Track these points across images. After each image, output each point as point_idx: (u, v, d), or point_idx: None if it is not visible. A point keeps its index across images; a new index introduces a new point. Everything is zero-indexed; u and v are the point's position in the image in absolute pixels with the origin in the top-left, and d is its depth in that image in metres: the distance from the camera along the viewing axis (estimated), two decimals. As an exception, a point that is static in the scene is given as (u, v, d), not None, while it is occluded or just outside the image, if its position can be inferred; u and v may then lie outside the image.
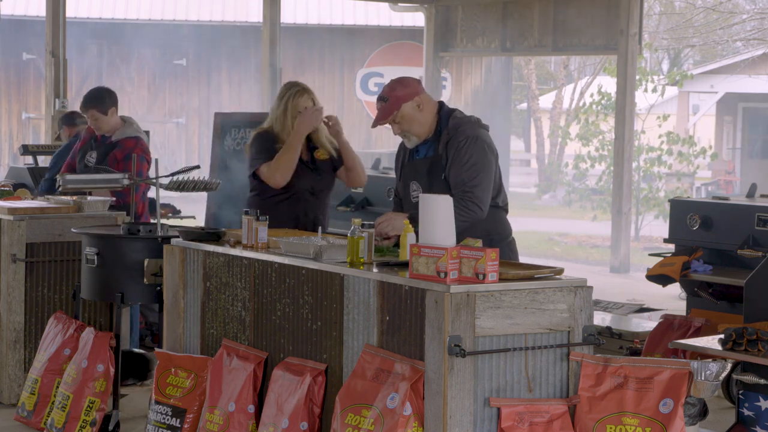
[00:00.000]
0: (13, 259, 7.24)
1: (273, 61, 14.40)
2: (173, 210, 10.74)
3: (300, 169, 6.83)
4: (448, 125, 5.95)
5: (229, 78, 25.10)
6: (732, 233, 7.64)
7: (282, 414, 5.35)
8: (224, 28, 24.66)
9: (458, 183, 5.84)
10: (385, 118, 5.97)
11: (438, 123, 5.98)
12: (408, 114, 5.94)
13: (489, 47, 16.19)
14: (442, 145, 5.93)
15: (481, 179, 5.84)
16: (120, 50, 24.48)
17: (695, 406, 4.91)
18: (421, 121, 5.96)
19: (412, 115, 5.94)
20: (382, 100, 5.97)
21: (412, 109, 5.94)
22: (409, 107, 5.93)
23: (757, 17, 27.94)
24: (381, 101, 5.97)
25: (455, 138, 5.90)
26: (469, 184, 5.82)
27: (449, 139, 5.91)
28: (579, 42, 15.22)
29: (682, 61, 34.80)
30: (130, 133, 8.35)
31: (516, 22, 15.64)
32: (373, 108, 25.70)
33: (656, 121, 19.81)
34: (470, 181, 5.82)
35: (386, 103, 5.95)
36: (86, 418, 6.47)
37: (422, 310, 4.78)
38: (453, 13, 16.30)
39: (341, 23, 25.17)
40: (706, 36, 29.31)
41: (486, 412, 4.76)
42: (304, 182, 6.86)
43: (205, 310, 6.03)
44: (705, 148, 21.07)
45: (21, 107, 24.27)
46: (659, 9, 30.07)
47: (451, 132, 5.93)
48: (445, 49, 16.50)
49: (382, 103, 5.97)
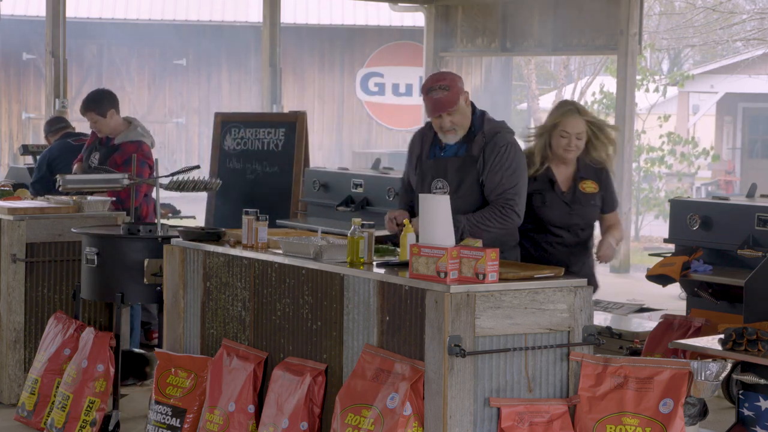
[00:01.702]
0: (13, 259, 7.24)
1: (273, 61, 14.40)
2: (173, 210, 10.74)
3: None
4: (483, 127, 5.90)
5: (229, 78, 25.09)
6: (732, 233, 7.64)
7: (282, 414, 5.35)
8: (224, 28, 24.66)
9: (497, 188, 5.81)
10: (451, 106, 5.82)
11: (472, 123, 5.94)
12: (462, 107, 5.89)
13: (489, 47, 16.19)
14: (478, 147, 5.87)
15: (520, 187, 5.86)
16: (120, 50, 24.47)
17: (695, 406, 4.91)
18: (468, 116, 5.93)
19: (464, 109, 5.90)
20: (442, 89, 5.82)
21: (464, 103, 5.90)
22: (462, 100, 5.89)
23: (757, 17, 27.92)
24: (442, 90, 5.81)
25: (496, 143, 5.85)
26: (511, 191, 5.81)
27: (487, 142, 5.86)
28: (579, 42, 15.21)
29: (682, 61, 34.79)
30: (133, 137, 8.34)
31: (516, 22, 15.63)
32: (373, 108, 25.71)
33: (657, 122, 19.80)
34: (511, 189, 5.81)
35: (449, 92, 5.81)
36: (86, 418, 6.46)
37: (422, 310, 4.77)
38: (453, 13, 16.29)
39: (341, 23, 25.16)
40: (706, 36, 29.29)
41: (486, 412, 4.76)
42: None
43: (205, 310, 6.03)
44: (707, 149, 21.06)
45: (21, 107, 24.26)
46: (659, 9, 30.04)
47: (488, 135, 5.88)
48: (445, 49, 16.49)
49: (443, 93, 5.81)
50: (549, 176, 6.24)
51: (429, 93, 5.84)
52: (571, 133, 6.16)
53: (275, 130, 10.04)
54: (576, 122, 6.18)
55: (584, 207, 6.26)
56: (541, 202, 6.20)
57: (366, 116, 25.70)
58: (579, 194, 6.25)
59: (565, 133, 6.17)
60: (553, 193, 6.22)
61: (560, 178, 6.26)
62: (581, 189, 6.26)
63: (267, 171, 10.03)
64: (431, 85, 5.85)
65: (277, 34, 14.50)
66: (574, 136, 6.16)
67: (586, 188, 6.26)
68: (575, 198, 6.25)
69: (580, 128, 6.18)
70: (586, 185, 6.26)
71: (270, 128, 10.09)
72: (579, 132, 6.17)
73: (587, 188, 6.26)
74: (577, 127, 6.17)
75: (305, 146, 9.89)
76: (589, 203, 6.26)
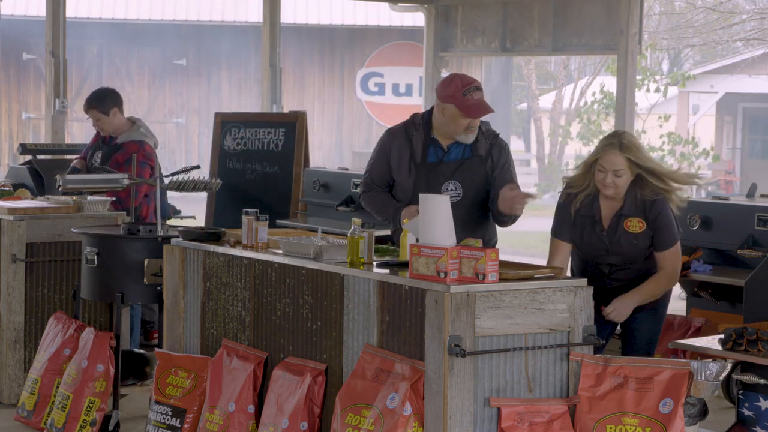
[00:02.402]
0: (13, 259, 7.24)
1: (273, 61, 14.38)
2: (173, 210, 10.73)
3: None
4: (481, 128, 6.05)
5: (229, 78, 25.10)
6: (732, 233, 7.64)
7: (282, 414, 5.35)
8: (224, 28, 24.67)
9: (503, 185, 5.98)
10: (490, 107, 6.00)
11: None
12: None
13: (489, 47, 16.17)
14: (484, 148, 6.02)
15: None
16: (120, 50, 24.48)
17: (695, 406, 4.91)
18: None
19: None
20: (478, 89, 5.91)
21: None
22: None
23: (757, 17, 27.91)
24: (479, 91, 5.91)
25: (499, 143, 6.06)
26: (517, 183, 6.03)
27: (492, 143, 6.04)
28: (579, 42, 15.19)
29: (682, 61, 34.80)
30: (135, 137, 8.34)
31: (516, 22, 15.62)
32: (373, 108, 25.72)
33: (657, 122, 19.82)
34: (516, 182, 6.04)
35: (482, 92, 5.95)
36: (86, 418, 6.46)
37: (422, 310, 4.77)
38: (453, 13, 16.28)
39: (341, 23, 25.17)
40: (706, 36, 29.29)
41: (486, 412, 4.76)
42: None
43: (205, 310, 6.03)
44: (707, 149, 21.08)
45: (21, 107, 24.27)
46: (659, 9, 30.05)
47: (489, 136, 6.05)
48: (445, 49, 16.48)
49: (480, 93, 5.92)
50: (593, 212, 5.87)
51: (467, 94, 5.88)
52: (607, 168, 5.73)
53: (275, 130, 10.04)
54: (614, 158, 5.71)
55: (623, 246, 5.83)
56: (579, 237, 5.91)
57: (366, 116, 25.71)
58: (621, 232, 5.81)
59: (602, 167, 5.74)
60: (593, 229, 5.87)
61: (604, 213, 5.86)
62: (624, 227, 5.81)
63: (267, 171, 10.02)
64: (467, 86, 5.90)
65: (277, 34, 14.48)
66: (611, 173, 5.72)
67: (631, 227, 5.80)
68: (615, 237, 5.83)
69: (619, 165, 5.71)
70: (631, 223, 5.79)
71: (270, 128, 10.09)
72: (617, 169, 5.71)
73: (632, 227, 5.80)
74: (615, 163, 5.71)
75: (305, 146, 9.88)
76: (631, 243, 5.82)
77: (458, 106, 5.89)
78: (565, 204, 5.93)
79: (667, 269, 5.85)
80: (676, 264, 5.88)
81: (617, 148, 5.71)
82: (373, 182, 6.23)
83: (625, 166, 5.72)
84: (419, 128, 6.08)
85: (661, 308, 6.02)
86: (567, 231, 5.93)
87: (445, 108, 5.95)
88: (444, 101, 5.95)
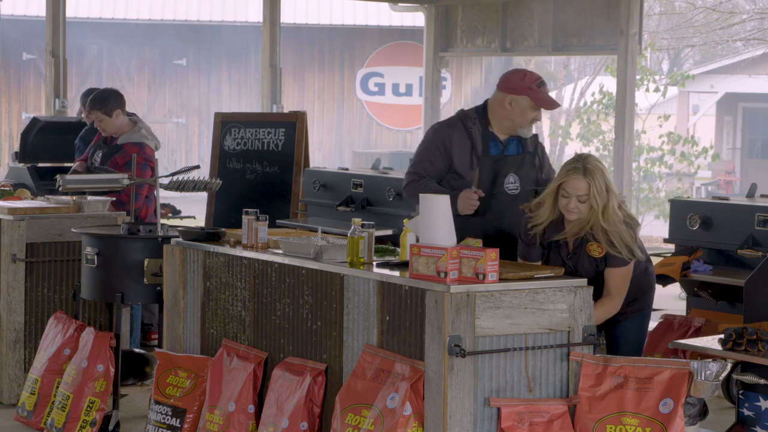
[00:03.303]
0: (13, 259, 7.23)
1: (273, 61, 14.38)
2: (173, 210, 10.73)
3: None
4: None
5: (229, 78, 25.09)
6: (732, 233, 7.64)
7: (282, 414, 5.35)
8: (224, 28, 24.66)
9: (545, 181, 6.14)
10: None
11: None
12: None
13: (489, 47, 16.17)
14: (531, 144, 6.19)
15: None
16: (120, 50, 24.48)
17: (695, 406, 4.91)
18: None
19: None
20: (545, 84, 6.10)
21: None
22: None
23: (757, 17, 27.90)
24: (545, 85, 6.10)
25: (540, 141, 6.25)
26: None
27: (536, 142, 6.22)
28: (579, 42, 15.19)
29: (682, 61, 34.78)
30: (136, 139, 8.33)
31: (516, 22, 15.62)
32: (373, 108, 25.71)
33: (657, 121, 19.80)
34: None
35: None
36: (86, 418, 6.46)
37: (422, 310, 4.77)
38: (453, 13, 16.28)
39: (341, 23, 25.17)
40: (706, 36, 29.27)
41: (486, 412, 4.76)
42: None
43: (205, 310, 6.03)
44: (706, 149, 21.07)
45: (21, 107, 24.26)
46: (659, 9, 30.03)
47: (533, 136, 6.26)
48: (445, 49, 16.48)
49: (546, 88, 6.10)
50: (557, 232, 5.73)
51: (540, 86, 6.06)
52: (571, 194, 5.60)
53: (275, 130, 10.03)
54: (578, 184, 5.59)
55: (587, 270, 5.66)
56: (546, 260, 5.76)
57: (366, 116, 25.70)
58: (583, 255, 5.69)
59: (565, 192, 5.62)
60: (558, 253, 5.74)
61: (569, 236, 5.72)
62: (587, 251, 5.68)
63: (267, 171, 10.02)
64: (537, 80, 6.08)
65: (277, 34, 14.48)
66: (575, 198, 5.59)
67: (592, 251, 5.67)
68: (579, 261, 5.70)
69: (582, 190, 5.58)
70: (592, 247, 5.66)
71: (270, 128, 10.09)
72: (581, 194, 5.57)
73: (593, 251, 5.66)
74: (578, 189, 5.58)
75: (305, 146, 9.88)
76: (594, 267, 5.68)
77: (532, 98, 6.03)
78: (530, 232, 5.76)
79: (611, 292, 5.65)
80: (621, 287, 5.67)
81: (581, 173, 5.59)
82: (426, 172, 6.10)
83: (589, 192, 5.59)
84: (475, 122, 6.12)
85: (647, 309, 5.98)
86: (535, 253, 5.79)
87: (516, 100, 6.05)
88: (516, 93, 6.05)
